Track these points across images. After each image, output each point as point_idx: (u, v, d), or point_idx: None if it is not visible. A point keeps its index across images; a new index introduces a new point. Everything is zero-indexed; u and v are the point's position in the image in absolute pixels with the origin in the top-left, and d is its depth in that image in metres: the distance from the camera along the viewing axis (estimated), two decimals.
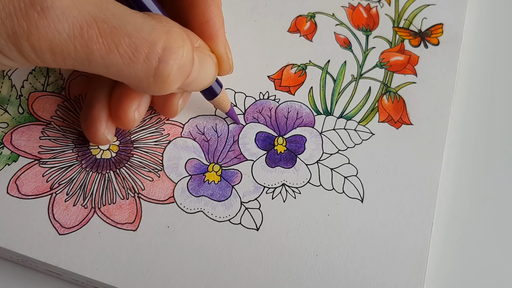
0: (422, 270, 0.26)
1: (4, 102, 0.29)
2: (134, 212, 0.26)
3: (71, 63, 0.20)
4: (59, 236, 0.26)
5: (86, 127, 0.26)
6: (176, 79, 0.22)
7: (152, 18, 0.21)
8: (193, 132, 0.29)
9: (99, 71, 0.21)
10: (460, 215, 0.30)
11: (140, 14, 0.21)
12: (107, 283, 0.25)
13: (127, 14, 0.20)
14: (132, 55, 0.20)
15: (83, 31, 0.19)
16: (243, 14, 0.33)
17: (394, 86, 0.32)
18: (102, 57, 0.20)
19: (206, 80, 0.25)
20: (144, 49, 0.20)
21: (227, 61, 0.27)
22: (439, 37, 0.34)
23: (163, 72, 0.21)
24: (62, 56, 0.19)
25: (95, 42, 0.19)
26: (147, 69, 0.21)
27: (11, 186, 0.27)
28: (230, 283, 0.25)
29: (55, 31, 0.19)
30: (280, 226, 0.27)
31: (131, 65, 0.20)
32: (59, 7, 0.18)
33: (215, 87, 0.27)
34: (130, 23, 0.20)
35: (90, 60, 0.20)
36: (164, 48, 0.21)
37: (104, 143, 0.27)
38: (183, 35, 0.22)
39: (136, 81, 0.21)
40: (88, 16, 0.19)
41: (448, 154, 0.31)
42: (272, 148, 0.29)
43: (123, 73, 0.21)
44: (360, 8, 0.35)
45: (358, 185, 0.28)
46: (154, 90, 0.22)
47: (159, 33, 0.21)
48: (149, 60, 0.20)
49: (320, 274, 0.26)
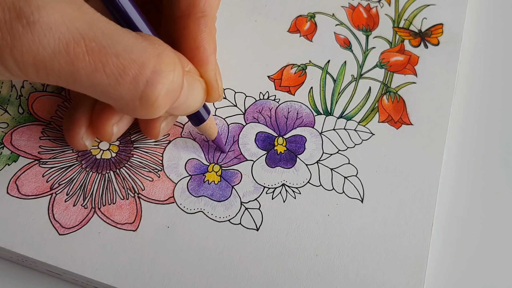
0: (422, 270, 0.26)
1: (4, 102, 0.29)
2: (134, 212, 0.27)
3: (54, 80, 0.19)
4: (59, 236, 0.26)
5: (66, 128, 0.26)
6: (163, 103, 0.21)
7: (144, 39, 0.20)
8: (193, 132, 0.29)
9: (83, 90, 0.20)
10: (460, 215, 0.30)
11: (132, 34, 0.20)
12: (107, 283, 0.25)
13: (118, 33, 0.20)
14: (119, 76, 0.19)
15: (69, 48, 0.18)
16: (243, 14, 0.33)
17: (394, 86, 0.32)
18: (87, 76, 0.19)
19: (194, 104, 0.25)
20: (132, 71, 0.19)
21: (216, 88, 0.26)
22: (439, 37, 0.34)
23: (150, 96, 0.20)
24: (45, 72, 0.19)
25: (81, 60, 0.19)
26: (133, 92, 0.20)
27: (11, 186, 0.27)
28: (230, 283, 0.25)
29: (39, 46, 0.18)
30: (280, 226, 0.27)
31: (117, 86, 0.20)
32: (46, 22, 0.18)
33: (203, 112, 0.26)
34: (120, 43, 0.19)
35: (75, 78, 0.19)
36: (154, 72, 0.20)
37: (82, 148, 0.26)
38: (174, 59, 0.21)
39: (121, 103, 0.21)
40: (76, 33, 0.18)
41: (448, 154, 0.31)
42: (272, 148, 0.29)
43: (109, 94, 0.20)
44: (360, 8, 0.35)
45: (358, 185, 0.28)
46: (140, 113, 0.21)
47: (150, 55, 0.20)
48: (136, 82, 0.20)
49: (320, 274, 0.26)
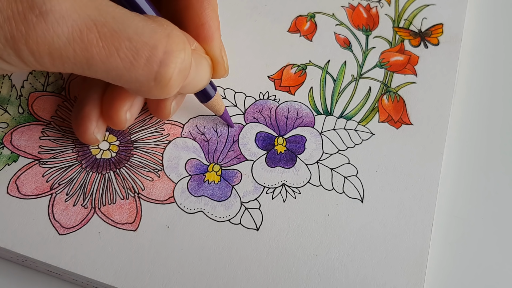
0: (422, 270, 0.26)
1: (4, 102, 0.29)
2: (134, 212, 0.27)
3: (70, 67, 0.20)
4: (59, 236, 0.26)
5: (77, 125, 0.26)
6: (177, 82, 0.21)
7: (152, 21, 0.21)
8: (193, 132, 0.29)
9: (99, 75, 0.20)
10: (460, 215, 0.30)
11: (141, 17, 0.21)
12: (107, 283, 0.25)
13: (127, 17, 0.20)
14: (133, 59, 0.20)
15: (83, 35, 0.19)
16: (243, 14, 0.33)
17: (394, 86, 0.32)
18: (102, 61, 0.20)
19: (201, 82, 0.25)
20: (145, 53, 0.20)
21: (222, 64, 0.26)
22: (439, 37, 0.34)
23: (164, 76, 0.21)
24: (61, 60, 0.19)
25: (95, 46, 0.19)
26: (148, 73, 0.20)
27: (11, 186, 0.27)
28: (230, 283, 0.25)
29: (54, 35, 0.18)
30: (280, 226, 0.27)
31: (132, 69, 0.20)
32: (58, 10, 0.18)
33: (209, 90, 0.27)
34: (131, 26, 0.20)
35: (90, 64, 0.20)
36: (166, 52, 0.20)
37: (94, 142, 0.27)
38: (183, 38, 0.21)
39: (136, 85, 0.21)
40: (88, 19, 0.19)
41: (448, 154, 0.31)
42: (272, 148, 0.29)
43: (124, 77, 0.21)
44: (360, 8, 0.35)
45: (358, 185, 0.28)
46: (155, 94, 0.22)
47: (160, 36, 0.20)
48: (150, 63, 0.20)
49: (320, 274, 0.26)
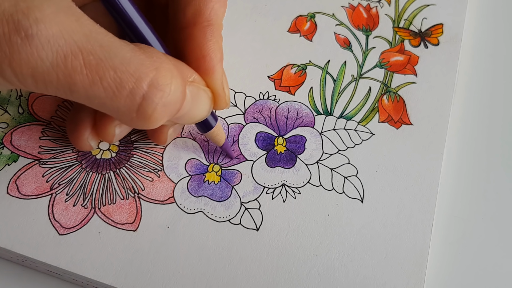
0: (422, 270, 0.26)
1: (4, 102, 0.29)
2: (134, 212, 0.27)
3: (53, 91, 0.19)
4: (59, 236, 0.26)
5: (71, 129, 0.26)
6: (160, 116, 0.21)
7: (142, 52, 0.20)
8: (193, 132, 0.29)
9: (81, 101, 0.20)
10: (460, 215, 0.30)
11: (130, 47, 0.20)
12: (107, 283, 0.25)
13: (116, 46, 0.20)
14: (116, 90, 0.19)
15: (67, 61, 0.19)
16: (243, 14, 0.33)
17: (394, 86, 0.32)
18: (85, 88, 0.19)
19: (199, 114, 0.25)
20: (129, 84, 0.19)
21: (223, 97, 0.26)
22: (439, 37, 0.34)
23: (146, 109, 0.20)
24: (44, 83, 0.19)
25: (78, 73, 0.19)
26: (130, 105, 0.20)
27: (11, 186, 0.27)
28: (230, 283, 0.25)
29: (38, 59, 0.18)
30: (280, 226, 0.27)
31: (114, 99, 0.20)
32: (44, 35, 0.18)
33: (210, 120, 0.26)
34: (118, 55, 0.19)
35: (73, 90, 0.19)
36: (150, 85, 0.20)
37: (87, 148, 0.26)
38: (173, 72, 0.21)
39: (119, 115, 0.21)
40: (74, 46, 0.19)
41: (448, 154, 0.31)
42: (272, 148, 0.29)
43: (106, 106, 0.20)
44: (360, 8, 0.35)
45: (358, 185, 0.28)
46: (138, 125, 0.21)
47: (147, 68, 0.20)
48: (133, 96, 0.20)
49: (320, 274, 0.26)
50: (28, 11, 0.18)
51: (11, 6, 0.18)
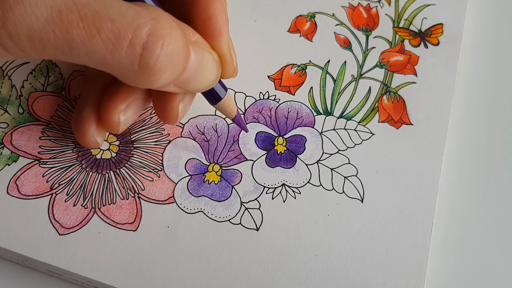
0: (422, 270, 0.26)
1: (4, 102, 0.29)
2: (134, 212, 0.27)
3: (51, 51, 0.19)
4: (59, 236, 0.26)
5: (76, 128, 0.26)
6: (164, 68, 0.20)
7: (137, 5, 0.20)
8: (193, 132, 0.29)
9: (81, 59, 0.20)
10: (460, 215, 0.30)
11: (125, 1, 0.20)
12: (107, 283, 0.25)
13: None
14: (115, 41, 0.19)
15: (62, 15, 0.18)
16: (243, 14, 0.33)
17: (394, 86, 0.32)
18: (83, 43, 0.19)
19: (207, 79, 0.24)
20: (127, 35, 0.19)
21: (230, 61, 0.25)
22: (439, 37, 0.34)
23: (148, 60, 0.20)
24: (41, 43, 0.19)
25: (75, 27, 0.18)
26: (131, 57, 0.19)
27: (11, 186, 0.27)
28: (230, 283, 0.25)
29: (32, 16, 0.18)
30: (280, 226, 0.27)
31: (114, 52, 0.19)
32: None
33: (219, 90, 0.26)
34: (114, 7, 0.19)
35: (71, 46, 0.19)
36: (150, 34, 0.19)
37: (93, 145, 0.26)
38: (171, 22, 0.20)
39: (121, 70, 0.20)
40: (68, 0, 0.18)
41: (448, 154, 0.31)
42: (272, 148, 0.29)
43: (107, 61, 0.20)
44: (360, 8, 0.35)
45: (358, 185, 0.28)
46: (142, 80, 0.21)
47: (145, 18, 0.19)
48: (133, 46, 0.19)
49: (320, 274, 0.26)
50: None
51: None
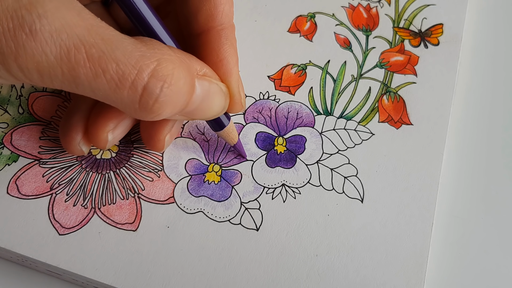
0: (422, 270, 0.26)
1: (4, 102, 0.29)
2: (134, 212, 0.27)
3: (59, 85, 0.20)
4: (59, 236, 0.26)
5: (63, 134, 0.26)
6: (163, 107, 0.21)
7: (143, 44, 0.21)
8: (193, 132, 0.29)
9: (86, 93, 0.20)
10: (460, 215, 0.30)
11: (132, 40, 0.20)
12: (107, 283, 0.25)
13: (117, 39, 0.20)
14: (118, 82, 0.20)
15: (71, 54, 0.19)
16: (243, 14, 0.33)
17: (394, 86, 0.32)
18: (88, 81, 0.19)
19: (213, 110, 0.24)
20: (131, 76, 0.20)
21: (238, 99, 0.26)
22: (439, 37, 0.34)
23: (147, 100, 0.20)
24: (49, 77, 0.19)
25: (82, 67, 0.19)
26: (132, 97, 0.20)
27: (11, 186, 0.27)
28: (230, 283, 0.25)
29: (42, 54, 0.18)
30: (280, 226, 0.27)
31: (117, 91, 0.20)
32: (47, 30, 0.18)
33: (223, 119, 0.26)
34: (119, 48, 0.20)
35: (77, 83, 0.20)
36: (151, 76, 0.20)
37: (78, 153, 0.26)
38: (174, 62, 0.21)
39: (123, 107, 0.21)
40: (76, 39, 0.19)
41: (448, 154, 0.31)
42: (272, 148, 0.29)
43: (110, 98, 0.20)
44: (360, 8, 0.35)
45: (358, 185, 0.28)
46: (142, 116, 0.21)
47: (148, 60, 0.20)
48: (134, 87, 0.20)
49: (320, 274, 0.26)
50: (31, 6, 0.18)
51: (14, 2, 0.18)
